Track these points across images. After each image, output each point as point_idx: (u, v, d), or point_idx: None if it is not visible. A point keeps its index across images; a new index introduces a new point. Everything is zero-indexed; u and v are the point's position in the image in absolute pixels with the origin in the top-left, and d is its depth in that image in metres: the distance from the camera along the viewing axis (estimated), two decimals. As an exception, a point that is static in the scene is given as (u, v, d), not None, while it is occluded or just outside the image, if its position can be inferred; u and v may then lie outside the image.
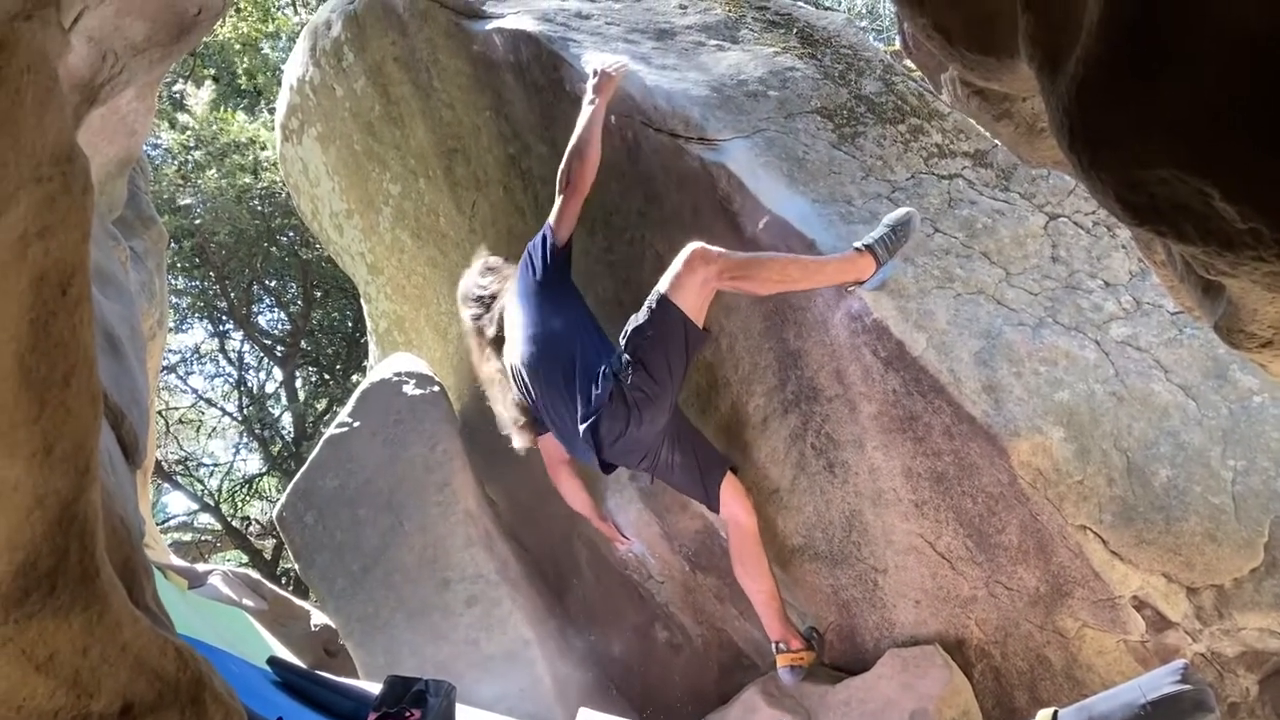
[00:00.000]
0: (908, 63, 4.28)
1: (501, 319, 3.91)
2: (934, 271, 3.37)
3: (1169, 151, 0.97)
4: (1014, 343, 3.22)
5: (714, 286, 3.29)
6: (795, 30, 4.32)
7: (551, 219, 3.76)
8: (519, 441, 3.96)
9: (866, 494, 3.44)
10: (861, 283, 3.29)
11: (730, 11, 4.47)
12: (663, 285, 3.33)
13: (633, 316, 3.39)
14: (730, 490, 3.67)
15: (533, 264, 3.77)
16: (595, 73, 3.71)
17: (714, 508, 3.70)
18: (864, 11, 14.72)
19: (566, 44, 4.03)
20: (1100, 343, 3.27)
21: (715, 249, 3.27)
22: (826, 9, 5.11)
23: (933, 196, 3.61)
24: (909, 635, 3.50)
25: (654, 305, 3.33)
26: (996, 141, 3.76)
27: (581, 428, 3.50)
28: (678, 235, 3.72)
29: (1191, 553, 2.93)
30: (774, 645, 3.68)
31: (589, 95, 3.69)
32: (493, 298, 3.98)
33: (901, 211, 3.35)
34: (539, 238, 3.79)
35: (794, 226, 3.42)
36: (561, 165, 3.72)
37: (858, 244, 3.27)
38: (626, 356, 3.35)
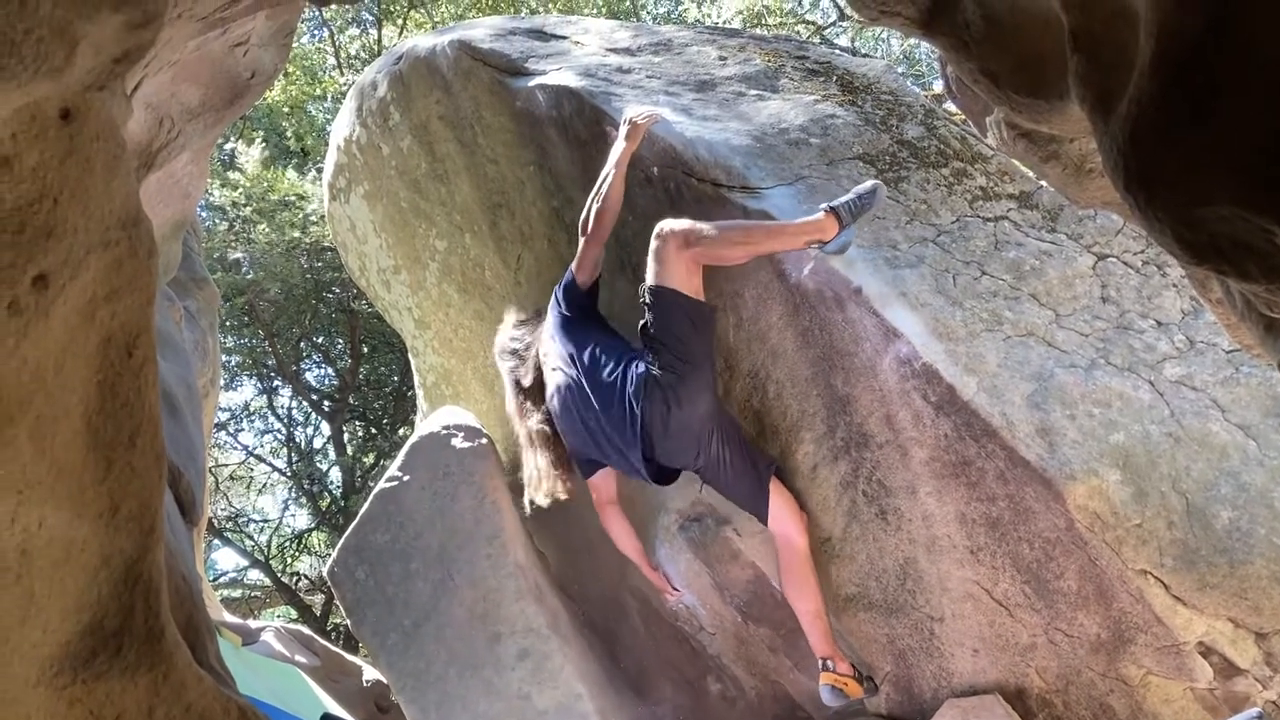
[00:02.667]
0: (949, 106, 4.28)
1: (538, 364, 4.03)
2: (982, 314, 3.34)
3: (1227, 189, 0.96)
4: (1066, 385, 3.18)
5: (689, 255, 3.39)
6: (835, 78, 4.35)
7: (574, 263, 3.88)
8: (557, 489, 3.98)
9: (920, 541, 3.39)
10: (824, 243, 3.34)
11: (769, 61, 4.51)
12: (648, 276, 3.46)
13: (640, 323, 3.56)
14: (781, 503, 3.63)
15: (559, 304, 3.90)
16: (627, 121, 3.77)
17: (763, 517, 3.65)
18: (901, 58, 14.77)
19: (609, 98, 4.08)
20: (1154, 383, 3.22)
21: (683, 221, 3.41)
22: (864, 56, 5.13)
23: (979, 239, 3.59)
24: (968, 684, 3.43)
25: (647, 299, 3.47)
26: (1042, 183, 3.74)
27: (629, 431, 3.57)
28: (722, 283, 3.74)
29: (1258, 596, 2.86)
30: (820, 662, 3.62)
31: (618, 144, 3.76)
32: (527, 349, 4.11)
33: (870, 183, 3.42)
34: (562, 283, 3.91)
35: (840, 272, 3.42)
36: (584, 211, 3.81)
37: (824, 205, 3.35)
38: (648, 350, 3.48)
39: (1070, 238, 3.64)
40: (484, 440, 4.84)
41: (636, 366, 3.53)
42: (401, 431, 13.93)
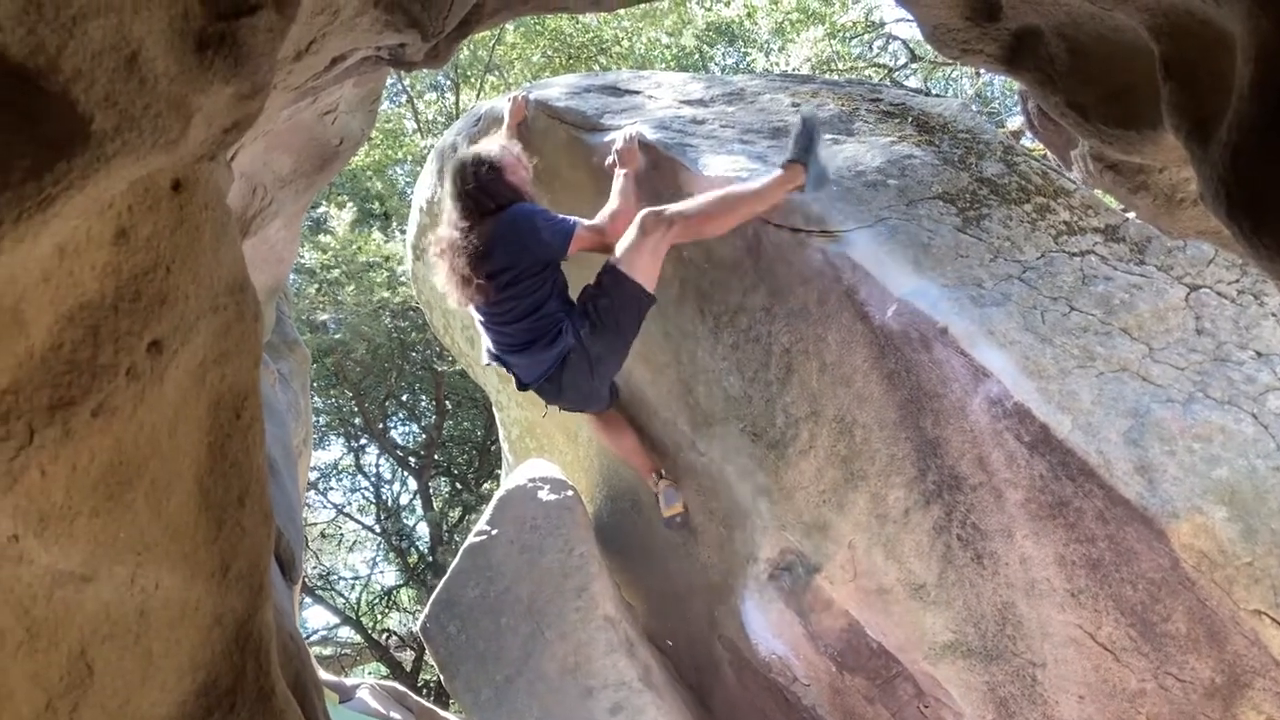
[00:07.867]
0: (1026, 142, 4.24)
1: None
2: (1073, 351, 3.28)
3: (1338, 213, 0.94)
4: (1164, 420, 3.09)
5: (668, 244, 3.59)
6: (910, 119, 4.33)
7: (579, 228, 3.83)
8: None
9: (1019, 585, 3.31)
10: (802, 188, 3.55)
11: (843, 105, 4.51)
12: (615, 254, 3.62)
13: (587, 286, 3.75)
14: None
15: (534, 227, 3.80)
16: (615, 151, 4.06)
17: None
18: (973, 96, 14.66)
19: (684, 149, 4.12)
20: (1257, 415, 3.12)
21: (664, 209, 3.59)
22: (937, 96, 5.11)
23: (1065, 275, 3.53)
24: (1075, 733, 3.32)
25: (606, 274, 3.64)
26: (1128, 215, 3.67)
27: (536, 375, 3.83)
28: (804, 328, 3.72)
29: (1383, 636, 2.73)
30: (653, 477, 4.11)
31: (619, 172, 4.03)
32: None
33: (795, 120, 3.63)
34: (567, 221, 3.83)
35: (925, 312, 3.38)
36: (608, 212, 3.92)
37: (779, 161, 3.58)
38: (586, 320, 3.69)
39: (1160, 269, 3.56)
40: (570, 492, 4.85)
41: (567, 326, 3.71)
42: (487, 486, 14.06)
